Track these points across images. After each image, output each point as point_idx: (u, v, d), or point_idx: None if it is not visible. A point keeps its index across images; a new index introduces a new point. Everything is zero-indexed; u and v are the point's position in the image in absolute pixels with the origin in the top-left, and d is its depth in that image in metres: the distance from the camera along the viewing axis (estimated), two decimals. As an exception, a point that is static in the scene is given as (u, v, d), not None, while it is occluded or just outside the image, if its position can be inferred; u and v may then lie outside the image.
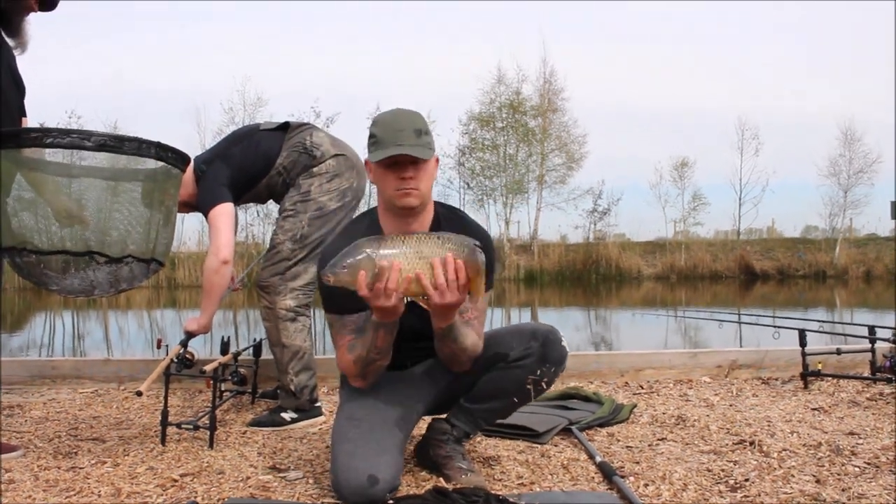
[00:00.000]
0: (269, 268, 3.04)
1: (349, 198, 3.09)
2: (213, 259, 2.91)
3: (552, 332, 2.21)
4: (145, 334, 9.60)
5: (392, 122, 1.99)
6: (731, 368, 4.03)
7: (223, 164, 3.04)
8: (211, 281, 2.92)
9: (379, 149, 1.99)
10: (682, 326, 8.86)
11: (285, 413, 3.03)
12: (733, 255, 22.22)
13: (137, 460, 2.51)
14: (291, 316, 3.00)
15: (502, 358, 2.18)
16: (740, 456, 2.48)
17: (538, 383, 2.20)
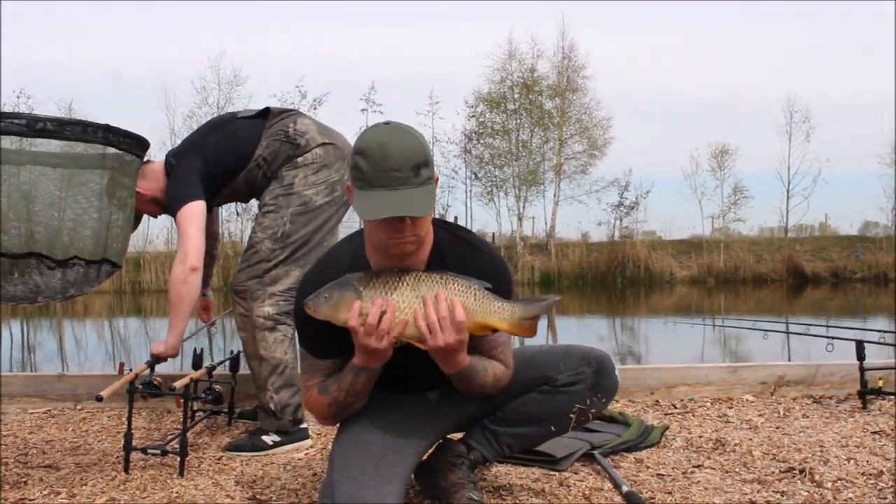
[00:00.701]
0: (246, 270, 3.04)
1: (338, 192, 3.08)
2: (180, 267, 2.89)
3: (607, 359, 2.23)
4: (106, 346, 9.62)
5: (383, 156, 1.80)
6: (778, 385, 4.02)
7: (195, 156, 3.05)
8: (178, 292, 2.89)
9: (366, 192, 1.82)
10: (720, 337, 8.85)
11: (266, 436, 3.02)
12: (780, 256, 22.20)
13: (97, 490, 2.51)
14: (270, 325, 3.00)
15: (548, 381, 2.19)
16: (788, 486, 2.47)
17: (584, 413, 2.21)
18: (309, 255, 3.05)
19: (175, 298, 2.90)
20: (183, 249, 2.91)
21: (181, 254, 2.91)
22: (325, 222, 3.08)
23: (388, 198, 1.79)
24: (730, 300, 16.72)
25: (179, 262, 2.90)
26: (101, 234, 2.43)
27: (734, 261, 22.33)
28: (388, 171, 1.79)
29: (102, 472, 2.73)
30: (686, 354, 7.65)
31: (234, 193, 3.17)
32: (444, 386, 2.20)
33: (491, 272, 2.03)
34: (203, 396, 3.11)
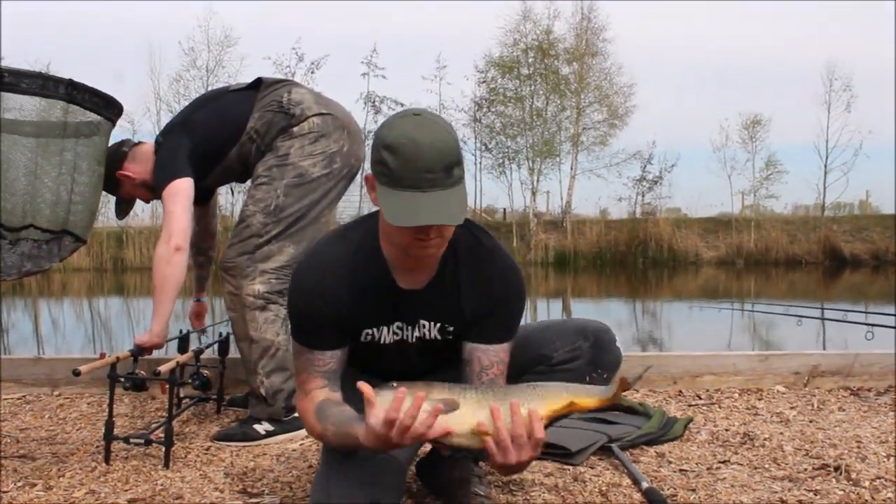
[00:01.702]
0: (236, 245, 3.05)
1: (338, 164, 3.09)
2: (164, 247, 2.91)
3: (605, 331, 2.22)
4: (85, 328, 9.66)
5: (415, 155, 1.75)
6: (812, 375, 4.02)
7: (182, 133, 3.07)
8: (162, 274, 2.91)
9: (394, 191, 1.77)
10: (750, 323, 8.84)
11: (258, 424, 3.04)
12: (816, 236, 22.14)
13: (75, 482, 2.53)
14: (261, 304, 3.01)
15: (543, 360, 2.18)
16: (822, 484, 2.48)
17: None
18: (305, 231, 3.05)
19: (159, 281, 2.91)
20: (167, 229, 2.92)
21: (165, 233, 2.92)
22: (322, 196, 3.08)
23: (418, 202, 1.75)
24: (760, 283, 16.70)
25: (163, 241, 2.92)
26: (60, 203, 2.41)
27: (765, 241, 22.27)
28: (419, 172, 1.75)
29: (81, 462, 2.74)
30: (712, 341, 7.64)
31: (228, 172, 3.18)
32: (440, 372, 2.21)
33: (502, 279, 2.04)
34: (190, 382, 3.12)
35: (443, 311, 2.02)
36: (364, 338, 2.02)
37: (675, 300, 13.09)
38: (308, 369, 2.01)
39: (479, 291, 2.01)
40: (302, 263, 2.06)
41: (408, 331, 2.04)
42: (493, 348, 2.04)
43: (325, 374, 2.00)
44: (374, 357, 2.06)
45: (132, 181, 3.14)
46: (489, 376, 2.04)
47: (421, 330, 2.04)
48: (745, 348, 7.12)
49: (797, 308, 6.24)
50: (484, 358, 2.04)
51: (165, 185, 2.96)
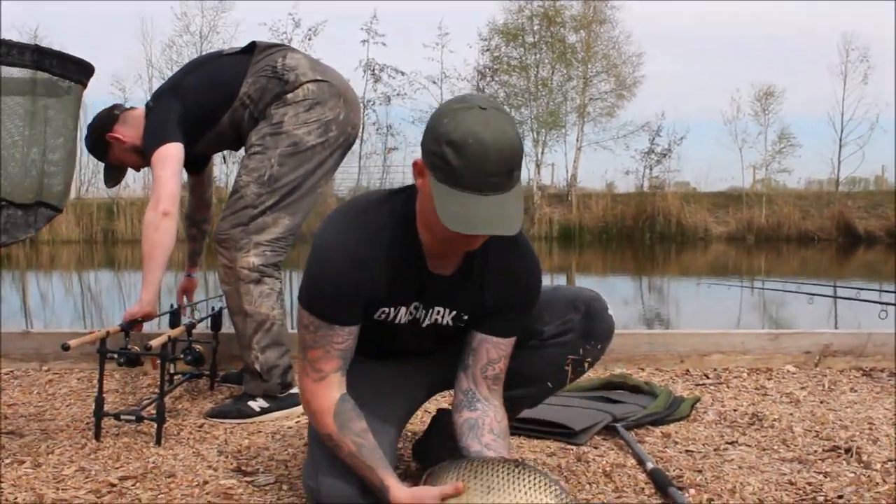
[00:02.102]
0: (230, 217, 3.05)
1: (333, 132, 3.07)
2: (151, 213, 2.92)
3: (595, 300, 2.21)
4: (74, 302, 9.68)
5: (481, 157, 1.70)
6: (824, 355, 4.03)
7: (173, 97, 3.06)
8: (151, 240, 2.91)
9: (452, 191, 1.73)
10: (760, 301, 8.85)
11: (253, 401, 3.05)
12: (829, 212, 22.12)
13: (65, 459, 2.54)
14: (256, 277, 3.01)
15: (534, 334, 2.18)
16: (833, 466, 2.48)
17: (580, 364, 2.21)
18: (300, 202, 3.06)
19: (147, 248, 2.91)
20: (155, 194, 2.93)
21: (153, 199, 2.93)
22: (318, 165, 3.07)
23: (477, 207, 1.72)
24: (771, 260, 16.70)
25: (151, 207, 2.92)
26: (30, 171, 2.40)
27: (777, 216, 22.25)
28: (482, 175, 1.71)
29: (71, 439, 2.75)
30: (721, 319, 7.66)
31: (221, 138, 3.17)
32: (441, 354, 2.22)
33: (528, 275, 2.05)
34: (182, 357, 3.13)
35: (463, 300, 2.02)
36: (378, 315, 1.99)
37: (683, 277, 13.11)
38: (325, 346, 1.95)
39: (503, 285, 2.01)
40: (335, 225, 1.96)
41: (421, 313, 2.03)
42: (504, 342, 2.05)
43: (341, 353, 1.96)
44: (382, 335, 2.05)
45: (122, 144, 3.12)
46: (494, 371, 2.06)
47: (433, 316, 2.04)
48: (755, 327, 7.13)
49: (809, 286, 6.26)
50: (493, 351, 2.05)
51: (154, 150, 2.96)
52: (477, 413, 2.04)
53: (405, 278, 1.95)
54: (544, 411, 2.75)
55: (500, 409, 2.07)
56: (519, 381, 2.18)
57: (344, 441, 1.91)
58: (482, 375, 2.05)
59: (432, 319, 2.04)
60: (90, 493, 2.23)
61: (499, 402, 2.08)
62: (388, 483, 1.85)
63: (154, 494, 2.23)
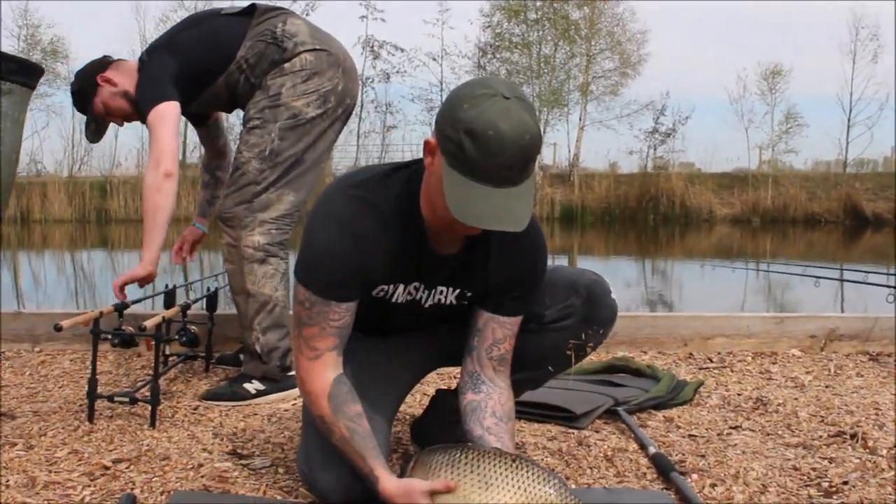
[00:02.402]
0: (233, 195, 3.03)
1: (332, 104, 3.05)
2: (152, 174, 2.90)
3: (597, 283, 2.21)
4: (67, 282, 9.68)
5: (498, 150, 1.68)
6: (830, 339, 4.03)
7: (168, 53, 3.02)
8: (153, 202, 2.90)
9: (465, 180, 1.71)
10: (765, 284, 8.85)
11: (249, 383, 3.05)
12: (836, 194, 22.09)
13: (57, 442, 2.54)
14: (260, 256, 3.00)
15: (534, 318, 2.17)
16: (838, 452, 2.49)
17: (581, 348, 2.21)
18: (304, 178, 3.04)
19: (150, 209, 2.90)
20: (154, 154, 2.90)
21: (153, 159, 2.90)
22: (317, 138, 3.05)
23: (488, 199, 1.71)
24: (777, 243, 16.69)
25: (151, 168, 2.90)
26: None
27: (783, 198, 22.23)
28: (497, 168, 1.69)
29: (64, 421, 2.76)
30: (725, 302, 7.67)
31: (215, 99, 3.14)
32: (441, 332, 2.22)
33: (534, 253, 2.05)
34: (177, 338, 3.12)
35: (466, 279, 2.01)
36: (377, 293, 1.99)
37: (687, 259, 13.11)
38: (321, 323, 1.93)
39: (508, 263, 2.00)
40: (334, 198, 1.94)
41: (423, 293, 2.02)
42: (510, 321, 2.05)
43: (338, 330, 1.94)
44: (379, 314, 2.05)
45: (113, 87, 3.06)
46: (499, 351, 2.06)
47: (437, 296, 2.03)
48: (760, 310, 7.14)
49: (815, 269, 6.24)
50: (499, 331, 2.05)
51: (151, 108, 2.92)
52: (480, 395, 2.05)
53: (406, 256, 1.94)
54: (545, 394, 2.76)
55: (505, 392, 2.07)
56: (519, 366, 2.18)
57: (337, 425, 1.90)
58: (487, 357, 2.06)
59: (436, 300, 2.04)
60: (83, 476, 2.23)
61: (505, 383, 2.08)
62: (378, 473, 1.84)
63: (148, 477, 2.23)
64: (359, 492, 1.92)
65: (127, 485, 2.18)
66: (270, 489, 2.18)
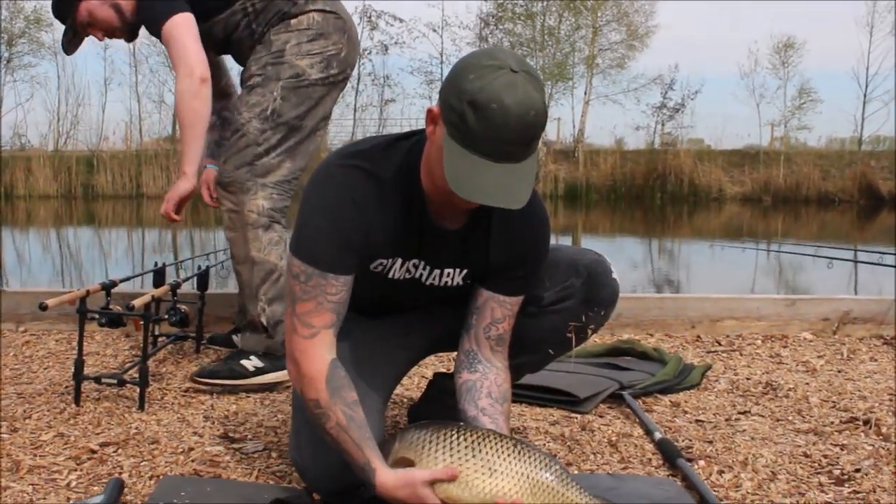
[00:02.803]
0: (233, 158, 2.97)
1: (335, 70, 3.01)
2: (188, 81, 2.86)
3: (598, 263, 2.20)
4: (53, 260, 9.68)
5: (502, 124, 1.67)
6: (843, 322, 4.03)
7: None
8: (192, 108, 2.87)
9: (464, 152, 1.71)
10: (776, 265, 8.86)
11: (247, 360, 3.00)
12: (851, 172, 22.08)
13: (42, 425, 2.55)
14: (265, 222, 2.96)
15: (533, 301, 2.17)
16: (850, 439, 2.50)
17: (582, 330, 2.21)
18: (302, 146, 3.00)
19: (190, 117, 2.88)
20: (185, 62, 2.86)
21: (184, 67, 2.86)
22: (317, 103, 3.00)
23: (487, 174, 1.70)
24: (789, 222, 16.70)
25: (185, 75, 2.86)
26: None
27: (796, 176, 22.22)
28: (499, 143, 1.69)
29: (49, 403, 2.76)
30: (735, 284, 7.67)
31: (207, 37, 3.01)
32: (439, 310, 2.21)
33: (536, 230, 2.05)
34: (166, 318, 3.11)
35: (468, 257, 2.01)
36: (375, 267, 1.97)
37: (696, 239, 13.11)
38: (317, 297, 1.89)
39: (511, 242, 2.00)
40: (332, 167, 1.92)
41: (423, 271, 2.01)
42: (510, 301, 2.05)
43: (335, 306, 1.91)
44: (377, 291, 2.05)
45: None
46: (497, 331, 2.05)
47: (443, 278, 2.03)
48: (771, 292, 7.14)
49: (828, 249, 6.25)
50: (498, 310, 2.04)
51: (166, 20, 2.86)
52: (476, 375, 2.05)
53: (405, 228, 1.92)
54: (547, 377, 2.76)
55: (501, 372, 2.07)
56: (518, 348, 2.18)
57: (333, 410, 1.86)
58: (485, 336, 2.06)
59: (442, 282, 2.03)
60: (69, 460, 2.24)
61: (502, 364, 2.08)
62: (375, 465, 1.81)
63: (136, 461, 2.24)
64: (350, 479, 1.92)
65: (114, 469, 2.18)
66: (263, 474, 2.18)
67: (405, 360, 2.30)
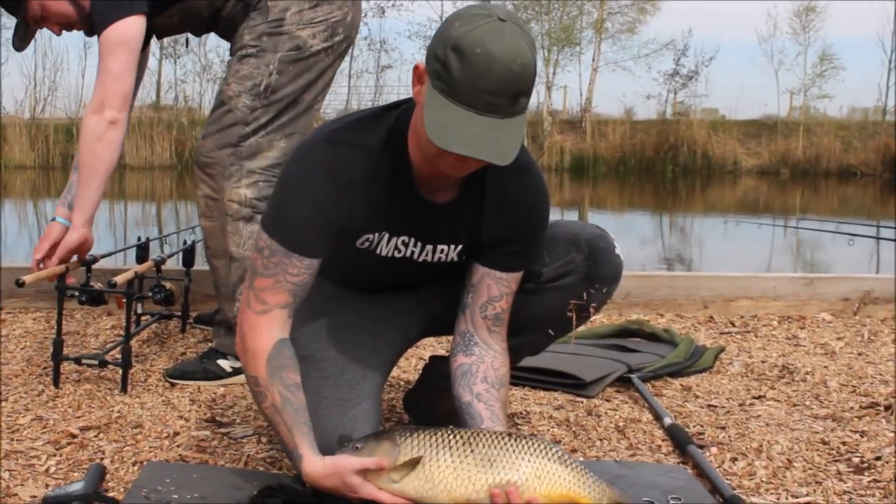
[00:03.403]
0: (216, 135, 2.83)
1: (339, 37, 2.87)
2: (94, 119, 2.69)
3: (600, 238, 2.19)
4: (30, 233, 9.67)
5: (485, 72, 1.67)
6: (864, 303, 4.04)
7: None
8: (91, 151, 2.71)
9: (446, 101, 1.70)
10: (794, 242, 8.86)
11: (224, 360, 2.90)
12: (874, 144, 22.02)
13: (20, 407, 2.55)
14: (247, 213, 2.81)
15: (532, 277, 2.16)
16: (870, 425, 2.50)
17: (584, 309, 2.20)
18: (297, 121, 2.86)
19: (87, 160, 2.73)
20: (99, 92, 2.70)
21: (96, 99, 2.71)
22: (318, 76, 2.87)
23: (470, 125, 1.69)
24: (808, 197, 16.69)
25: (93, 110, 2.70)
26: None
27: (816, 148, 22.16)
28: (482, 92, 1.68)
29: (27, 385, 2.76)
30: (750, 262, 7.67)
31: (190, 14, 2.91)
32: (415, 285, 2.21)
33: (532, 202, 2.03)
34: (150, 296, 3.10)
35: (461, 232, 2.00)
36: (361, 243, 1.97)
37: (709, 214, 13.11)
38: (277, 275, 1.90)
39: (505, 213, 1.99)
40: (317, 139, 1.94)
41: (415, 248, 2.01)
42: (507, 277, 2.04)
43: (294, 287, 1.92)
44: (364, 267, 2.05)
45: None
46: (494, 310, 2.04)
47: (437, 255, 2.02)
48: (788, 270, 7.14)
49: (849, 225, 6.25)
50: (494, 287, 2.03)
51: (109, 25, 2.67)
52: (472, 359, 2.05)
53: (392, 202, 1.93)
54: (552, 360, 2.77)
55: (499, 355, 2.07)
56: (516, 329, 2.17)
57: (271, 390, 1.88)
58: (481, 315, 2.05)
59: (436, 258, 2.03)
60: (48, 445, 2.24)
61: (500, 346, 2.08)
62: (303, 451, 1.82)
63: (119, 446, 2.24)
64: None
65: (96, 454, 2.19)
66: (252, 460, 2.19)
67: (401, 342, 2.29)
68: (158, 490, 1.90)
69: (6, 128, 20.95)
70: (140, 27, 2.72)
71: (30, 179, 18.11)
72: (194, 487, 1.93)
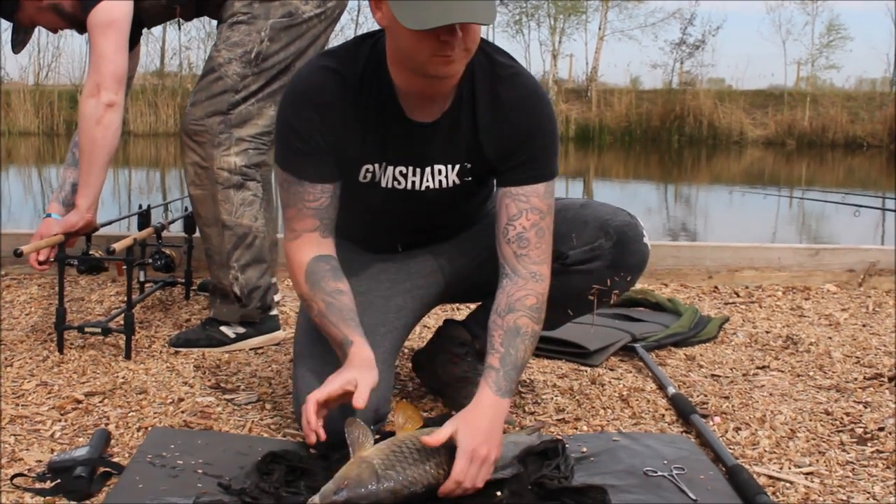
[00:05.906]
0: (204, 103, 2.80)
1: (332, 3, 2.85)
2: (91, 101, 2.70)
3: (630, 226, 2.17)
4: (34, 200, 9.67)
5: None
6: (869, 274, 4.03)
7: None
8: (90, 137, 2.72)
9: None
10: (799, 212, 8.84)
11: (226, 326, 2.90)
12: (881, 115, 21.90)
13: (24, 373, 2.56)
14: (237, 181, 2.80)
15: (557, 257, 2.13)
16: (874, 396, 2.51)
17: (606, 294, 2.19)
18: None
19: (87, 145, 2.73)
20: (94, 76, 2.70)
21: (91, 82, 2.70)
22: (310, 43, 2.85)
23: (447, 14, 1.68)
24: (814, 168, 16.64)
25: (89, 94, 2.70)
26: None
27: (822, 119, 22.06)
28: None
29: (31, 351, 2.77)
30: (755, 232, 7.65)
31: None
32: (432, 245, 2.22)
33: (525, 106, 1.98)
34: (152, 262, 3.09)
35: (458, 150, 1.99)
36: (364, 177, 2.00)
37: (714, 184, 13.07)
38: (296, 204, 2.00)
39: (500, 124, 1.96)
40: (301, 71, 2.06)
41: (415, 176, 2.01)
42: (523, 192, 1.96)
43: (315, 212, 1.98)
44: (373, 205, 2.07)
45: (38, 2, 2.79)
46: (515, 230, 1.96)
47: (436, 177, 2.02)
48: (793, 241, 7.14)
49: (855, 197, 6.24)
50: (513, 206, 1.96)
51: (91, 8, 2.68)
52: (497, 292, 1.98)
53: (382, 128, 1.95)
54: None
55: (518, 280, 1.96)
56: None
57: (315, 300, 1.97)
58: (504, 239, 1.97)
59: (436, 182, 2.02)
60: (53, 410, 2.25)
61: (525, 270, 1.96)
62: (353, 338, 1.89)
63: (124, 412, 2.25)
64: None
65: (101, 420, 2.20)
66: (256, 426, 2.20)
67: (416, 307, 2.28)
68: (163, 455, 1.91)
69: (10, 94, 20.90)
70: (127, 6, 2.72)
71: (34, 146, 18.07)
72: (199, 453, 1.94)
